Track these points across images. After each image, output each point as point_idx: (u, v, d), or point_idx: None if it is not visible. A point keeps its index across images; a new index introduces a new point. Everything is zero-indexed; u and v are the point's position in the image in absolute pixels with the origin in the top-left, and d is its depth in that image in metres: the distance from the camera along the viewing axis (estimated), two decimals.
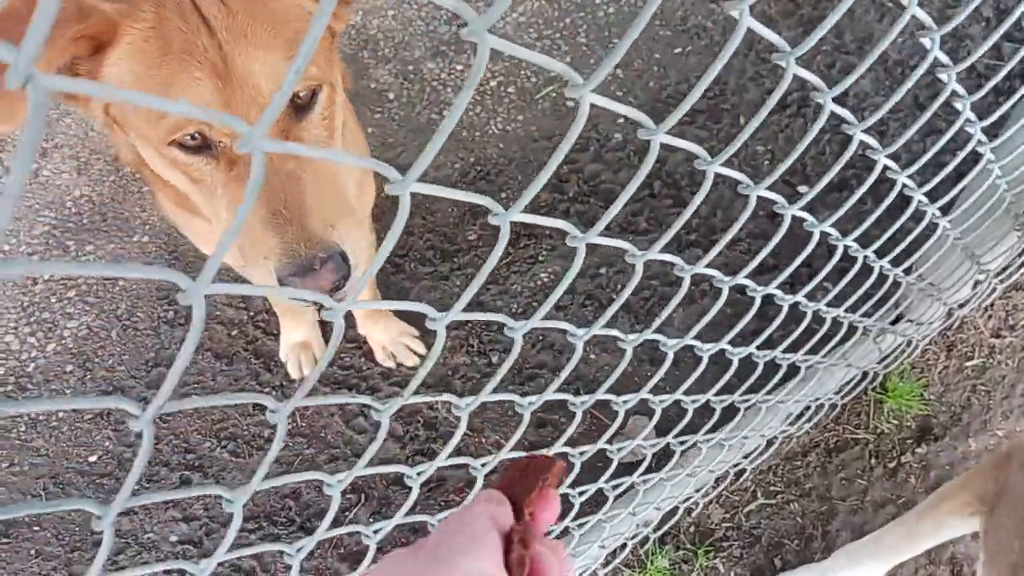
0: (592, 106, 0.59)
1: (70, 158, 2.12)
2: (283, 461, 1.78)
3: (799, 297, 1.12)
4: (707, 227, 1.99)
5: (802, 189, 2.04)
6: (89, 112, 0.98)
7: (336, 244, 0.91)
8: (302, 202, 0.89)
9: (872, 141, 0.93)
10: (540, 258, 2.00)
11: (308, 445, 1.79)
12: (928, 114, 0.95)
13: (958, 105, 0.97)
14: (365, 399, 0.67)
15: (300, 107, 0.94)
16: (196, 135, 0.90)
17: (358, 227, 1.00)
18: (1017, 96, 1.05)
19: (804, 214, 0.95)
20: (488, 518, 0.48)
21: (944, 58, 0.87)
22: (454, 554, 0.44)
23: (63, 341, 1.88)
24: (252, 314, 1.92)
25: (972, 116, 1.00)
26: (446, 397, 0.76)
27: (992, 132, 1.16)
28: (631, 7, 2.38)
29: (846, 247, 1.10)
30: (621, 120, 2.20)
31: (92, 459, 1.77)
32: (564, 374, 0.81)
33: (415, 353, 1.86)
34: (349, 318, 1.85)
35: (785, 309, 1.09)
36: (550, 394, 0.83)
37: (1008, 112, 1.15)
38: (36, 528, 1.74)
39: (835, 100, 0.78)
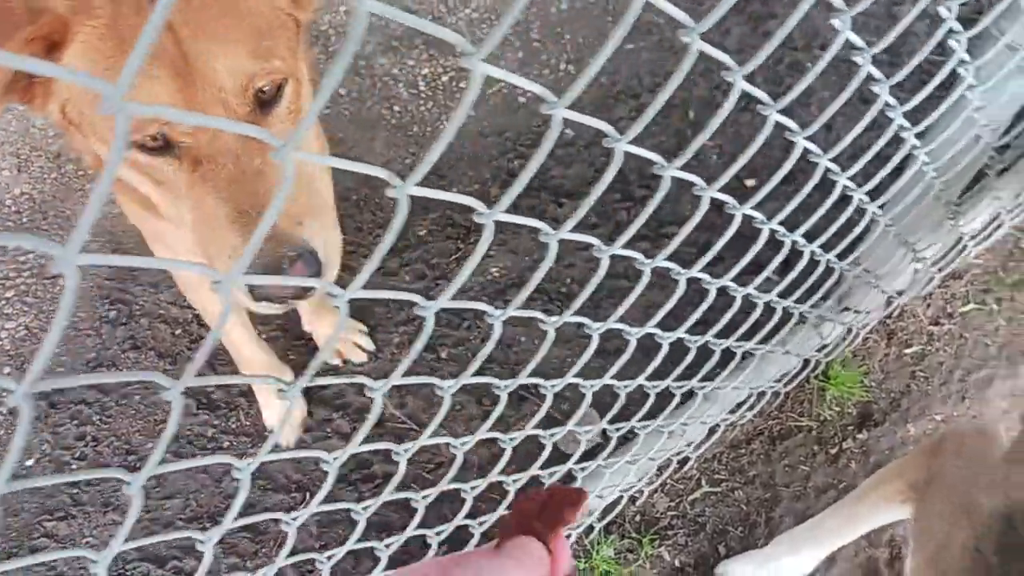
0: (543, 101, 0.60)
1: (10, 155, 2.08)
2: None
3: (750, 289, 1.14)
4: (654, 220, 2.00)
5: (749, 182, 2.07)
6: (45, 114, 0.94)
7: (305, 242, 0.87)
8: (269, 199, 0.85)
9: (815, 148, 0.95)
10: (490, 252, 2.00)
11: (252, 444, 1.77)
12: (846, 95, 0.96)
13: (877, 89, 0.99)
14: (251, 379, 0.66)
15: (265, 102, 0.91)
16: (158, 136, 0.86)
17: (330, 227, 0.98)
18: (937, 80, 1.07)
19: (755, 213, 0.96)
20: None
21: (857, 40, 0.89)
22: None
23: (0, 343, 1.84)
24: (196, 312, 1.90)
25: (892, 100, 1.02)
26: (360, 379, 0.76)
27: (919, 119, 1.18)
28: (583, 4, 2.39)
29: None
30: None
31: (29, 463, 1.73)
32: (483, 353, 0.81)
33: (363, 349, 1.84)
34: (294, 315, 1.83)
35: (739, 301, 1.11)
36: (468, 377, 0.82)
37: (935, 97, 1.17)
38: None
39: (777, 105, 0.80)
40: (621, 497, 1.53)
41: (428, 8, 2.48)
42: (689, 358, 1.18)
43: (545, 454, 1.09)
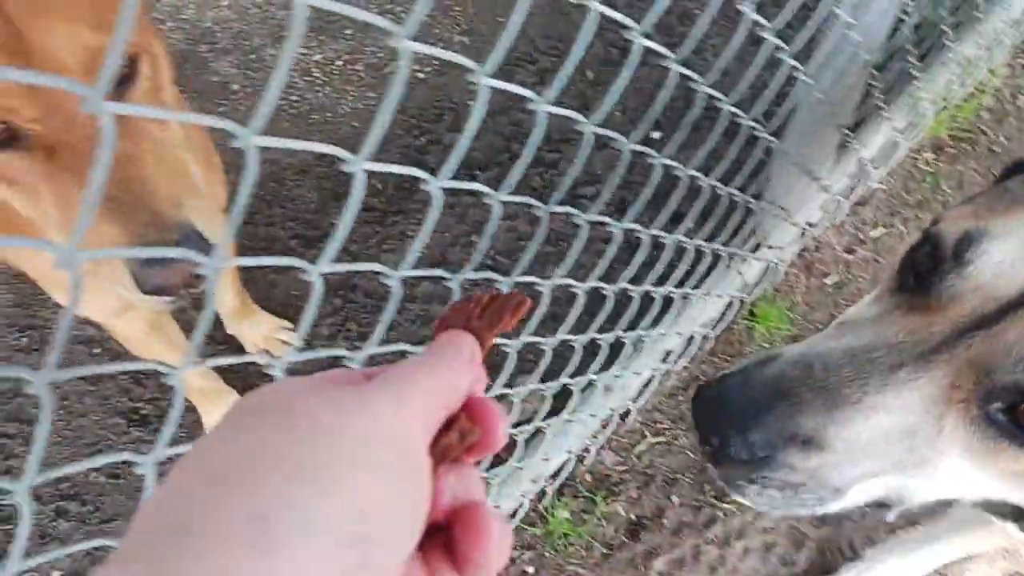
0: (442, 75, 0.58)
1: None
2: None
3: (679, 236, 1.14)
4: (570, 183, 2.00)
5: (655, 135, 2.08)
6: None
7: (189, 222, 0.82)
8: (143, 183, 0.80)
9: (694, 75, 0.95)
10: (409, 233, 1.97)
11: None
12: (739, 39, 0.97)
13: (743, 8, 0.99)
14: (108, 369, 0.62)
15: (119, 80, 0.85)
16: (1, 127, 0.78)
17: (213, 211, 0.91)
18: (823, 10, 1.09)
19: (672, 162, 0.96)
20: (441, 378, 0.38)
21: None
22: (381, 403, 0.34)
23: None
24: None
25: (760, 19, 1.02)
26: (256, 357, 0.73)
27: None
28: None
29: (692, 177, 1.13)
30: (472, 87, 2.17)
31: None
32: (387, 317, 0.79)
33: (290, 346, 1.80)
34: (216, 320, 1.76)
35: (646, 241, 1.11)
36: (374, 346, 0.80)
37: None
38: None
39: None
40: (569, 458, 1.54)
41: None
42: (608, 307, 1.18)
43: None
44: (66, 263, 0.40)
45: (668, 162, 1.02)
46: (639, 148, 0.96)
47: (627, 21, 0.79)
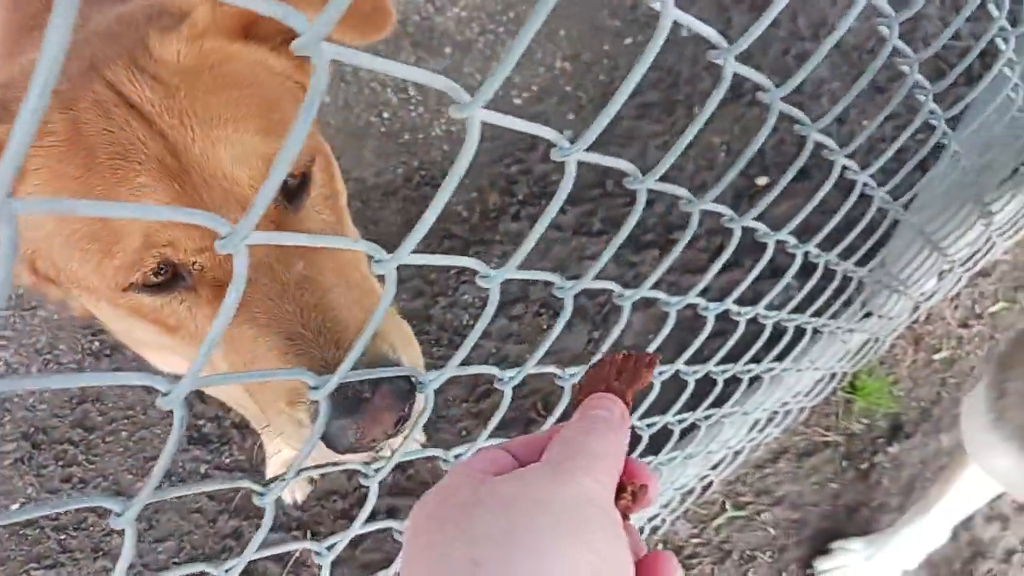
0: (540, 102, 0.50)
1: None
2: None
3: (759, 309, 1.03)
4: (663, 225, 1.90)
5: (760, 181, 1.97)
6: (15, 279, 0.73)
7: (389, 353, 0.66)
8: (327, 312, 0.65)
9: (829, 142, 0.85)
10: (493, 264, 1.90)
11: None
12: (888, 110, 0.86)
13: (921, 96, 0.89)
14: None
15: (291, 192, 0.71)
16: (162, 267, 0.66)
17: (408, 338, 0.74)
18: (981, 85, 0.97)
19: (756, 224, 0.86)
20: (609, 442, 0.43)
21: (904, 47, 0.79)
22: (576, 471, 0.39)
23: None
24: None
25: (935, 108, 0.92)
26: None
27: (953, 120, 1.08)
28: None
29: (806, 252, 1.02)
30: (571, 117, 2.10)
31: (14, 507, 1.64)
32: (497, 416, 0.71)
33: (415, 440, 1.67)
34: None
35: (743, 323, 1.01)
36: (484, 439, 0.73)
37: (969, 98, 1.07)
38: None
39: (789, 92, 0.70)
40: (642, 528, 1.44)
41: (415, 8, 2.37)
42: (717, 390, 1.08)
43: None
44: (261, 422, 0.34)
45: (753, 224, 0.89)
46: (751, 224, 0.84)
47: (764, 82, 0.68)
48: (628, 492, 0.42)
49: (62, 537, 1.64)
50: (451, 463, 0.71)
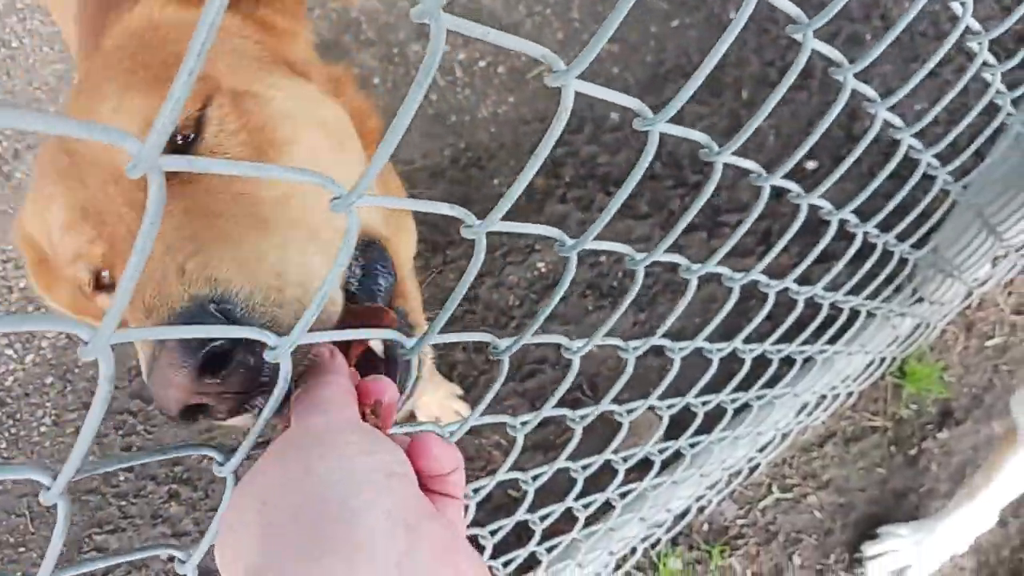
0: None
1: None
2: None
3: (816, 289, 1.03)
4: (710, 207, 1.90)
5: (810, 165, 1.95)
6: None
7: (206, 289, 0.52)
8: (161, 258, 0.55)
9: (896, 119, 0.85)
10: (537, 247, 1.91)
11: None
12: (956, 90, 0.86)
13: (988, 75, 0.88)
14: None
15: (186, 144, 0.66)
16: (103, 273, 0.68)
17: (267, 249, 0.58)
18: None
19: (822, 202, 0.86)
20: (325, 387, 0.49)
21: (975, 24, 0.78)
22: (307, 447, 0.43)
23: (41, 352, 1.80)
24: None
25: (1002, 87, 0.91)
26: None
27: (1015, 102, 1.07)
28: None
29: (865, 233, 1.02)
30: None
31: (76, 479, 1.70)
32: (560, 391, 0.73)
33: (460, 415, 1.66)
34: None
35: (800, 303, 1.01)
36: (548, 411, 0.75)
37: None
38: None
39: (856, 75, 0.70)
40: (689, 507, 1.45)
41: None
42: (771, 370, 1.09)
43: (618, 479, 1.01)
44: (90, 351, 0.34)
45: (818, 202, 0.88)
46: (783, 184, 0.83)
47: (840, 58, 0.68)
48: (370, 412, 0.49)
49: (122, 503, 1.70)
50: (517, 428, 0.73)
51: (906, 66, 1.97)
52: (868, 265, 1.12)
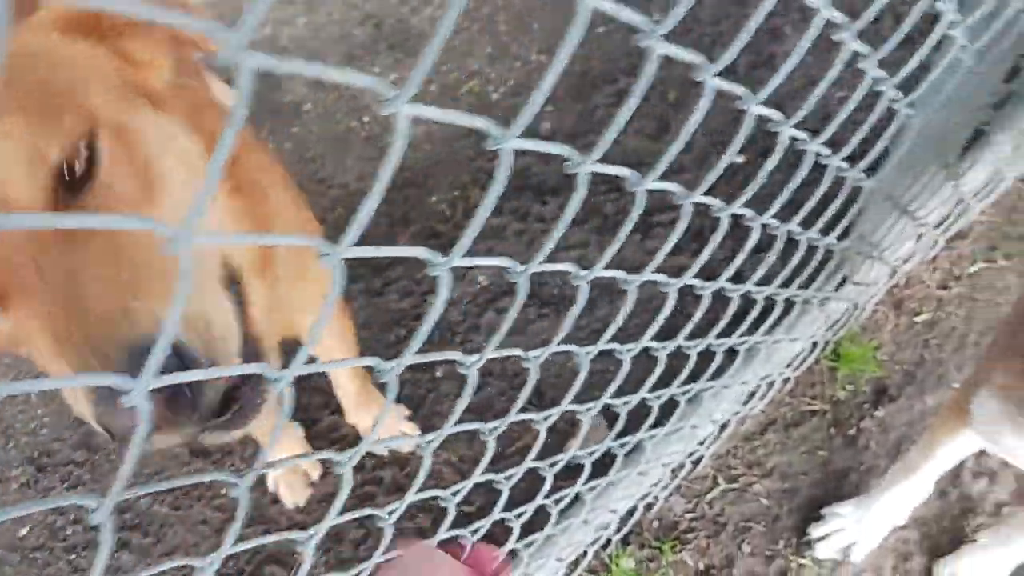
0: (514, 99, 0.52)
1: None
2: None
3: (748, 286, 1.06)
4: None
5: (739, 159, 1.99)
6: None
7: (144, 327, 0.56)
8: (83, 298, 0.57)
9: (774, 114, 0.87)
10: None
11: None
12: (833, 72, 0.89)
13: (841, 36, 0.91)
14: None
15: (75, 181, 0.63)
16: None
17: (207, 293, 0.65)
18: (927, 45, 0.99)
19: (743, 210, 0.89)
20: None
21: (836, 15, 0.81)
22: None
23: None
24: None
25: (862, 48, 0.93)
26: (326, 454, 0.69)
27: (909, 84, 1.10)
28: None
29: (788, 231, 1.05)
30: (549, 109, 2.12)
31: (23, 532, 1.67)
32: (523, 398, 0.74)
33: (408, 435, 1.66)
34: (336, 405, 1.70)
35: (736, 299, 1.04)
36: (513, 416, 0.76)
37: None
38: None
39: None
40: (636, 506, 1.47)
41: (390, 10, 2.40)
42: (689, 365, 1.11)
43: (546, 486, 1.03)
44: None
45: (741, 211, 0.93)
46: (704, 200, 0.87)
47: (696, 60, 0.70)
48: None
49: (71, 557, 1.68)
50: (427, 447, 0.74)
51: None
52: (795, 261, 1.15)
